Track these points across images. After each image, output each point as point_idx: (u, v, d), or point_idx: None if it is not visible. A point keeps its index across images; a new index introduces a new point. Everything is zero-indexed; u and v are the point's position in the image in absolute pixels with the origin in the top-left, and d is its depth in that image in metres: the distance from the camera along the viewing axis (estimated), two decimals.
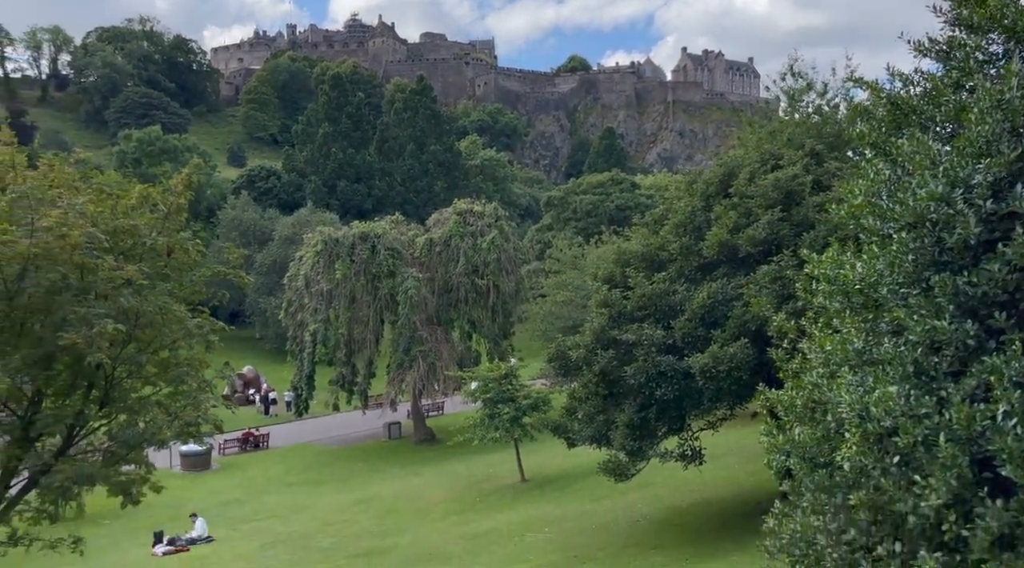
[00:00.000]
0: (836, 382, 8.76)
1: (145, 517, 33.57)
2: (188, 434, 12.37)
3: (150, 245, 11.91)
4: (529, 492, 28.60)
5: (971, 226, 7.62)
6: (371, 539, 24.68)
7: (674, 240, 17.92)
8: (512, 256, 45.87)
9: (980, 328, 7.75)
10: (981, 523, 6.91)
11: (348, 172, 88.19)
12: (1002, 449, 6.85)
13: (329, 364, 46.15)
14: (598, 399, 18.70)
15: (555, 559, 18.26)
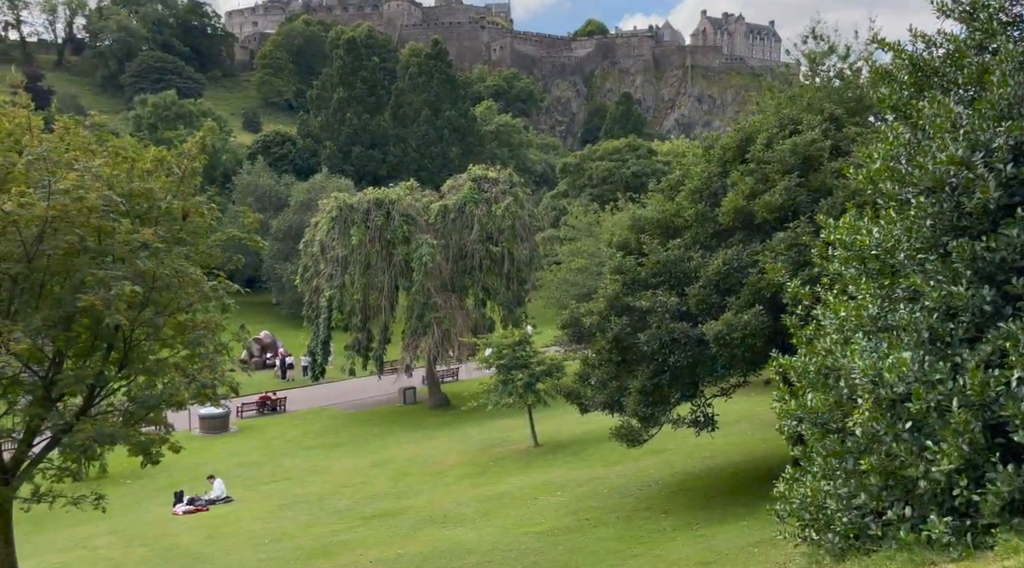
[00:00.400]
0: (850, 348, 8.74)
1: (165, 477, 34.27)
2: (204, 396, 12.54)
3: (165, 208, 11.98)
4: (542, 457, 28.85)
5: (990, 190, 7.52)
6: (386, 501, 25.04)
7: (689, 206, 17.80)
8: (527, 223, 45.76)
9: (997, 294, 7.69)
10: (992, 488, 6.92)
11: (363, 138, 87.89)
12: (1015, 415, 6.84)
13: (345, 330, 46.46)
14: (611, 366, 18.76)
15: (567, 522, 18.47)
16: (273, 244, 69.65)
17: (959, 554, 7.17)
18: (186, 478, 32.71)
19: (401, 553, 17.28)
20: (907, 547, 7.64)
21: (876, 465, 8.07)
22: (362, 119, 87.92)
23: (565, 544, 16.20)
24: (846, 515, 8.54)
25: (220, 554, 20.03)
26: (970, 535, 7.28)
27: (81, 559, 21.19)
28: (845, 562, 8.43)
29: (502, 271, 44.81)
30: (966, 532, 7.33)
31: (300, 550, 19.26)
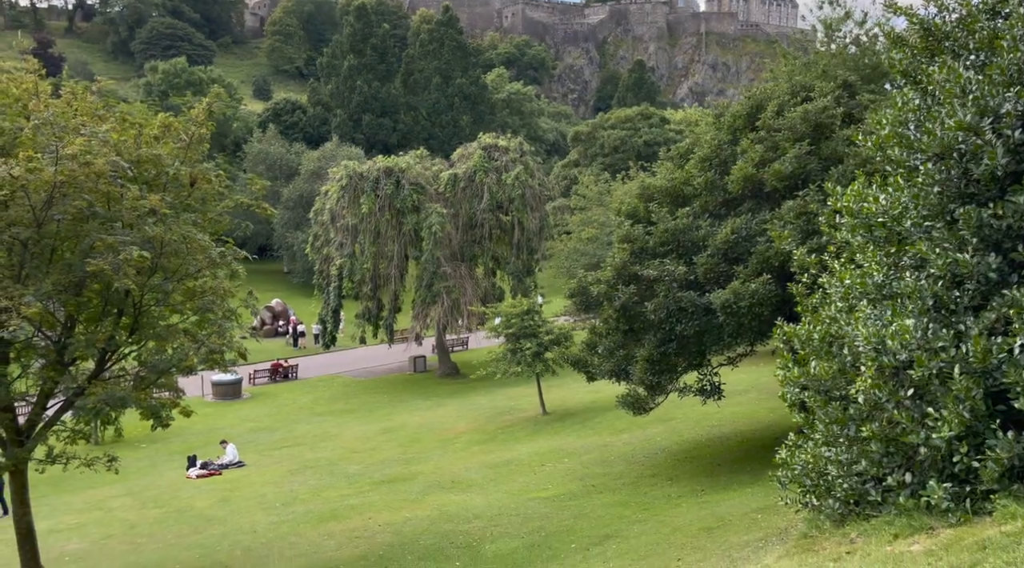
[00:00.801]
0: (854, 316, 8.74)
1: (179, 442, 34.83)
2: (213, 361, 12.68)
3: (173, 175, 12.02)
4: (550, 425, 29.08)
5: (998, 157, 7.45)
6: (395, 466, 25.34)
7: (699, 175, 17.69)
8: (537, 192, 45.59)
9: (1003, 261, 7.65)
10: (992, 454, 6.95)
11: (373, 106, 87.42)
12: (1017, 382, 6.84)
13: (355, 298, 46.70)
14: (618, 334, 18.81)
15: (573, 488, 18.66)
16: (284, 213, 69.76)
17: (957, 519, 7.22)
18: (199, 443, 33.23)
19: (409, 517, 17.53)
20: (906, 512, 7.71)
21: (877, 432, 8.11)
22: (372, 87, 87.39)
23: (571, 509, 16.38)
24: (847, 481, 8.61)
25: (232, 517, 20.37)
26: (969, 501, 7.33)
27: (97, 520, 21.60)
28: (845, 527, 8.52)
29: (512, 240, 44.78)
30: (965, 498, 7.38)
31: (311, 514, 19.56)
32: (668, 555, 11.28)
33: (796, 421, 9.36)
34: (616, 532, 13.91)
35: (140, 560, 16.66)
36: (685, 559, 10.64)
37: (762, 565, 8.25)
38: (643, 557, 11.58)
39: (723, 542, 11.10)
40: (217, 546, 17.12)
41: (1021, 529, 6.30)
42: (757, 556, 9.18)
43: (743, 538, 10.91)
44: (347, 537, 16.33)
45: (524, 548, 13.91)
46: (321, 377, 47.19)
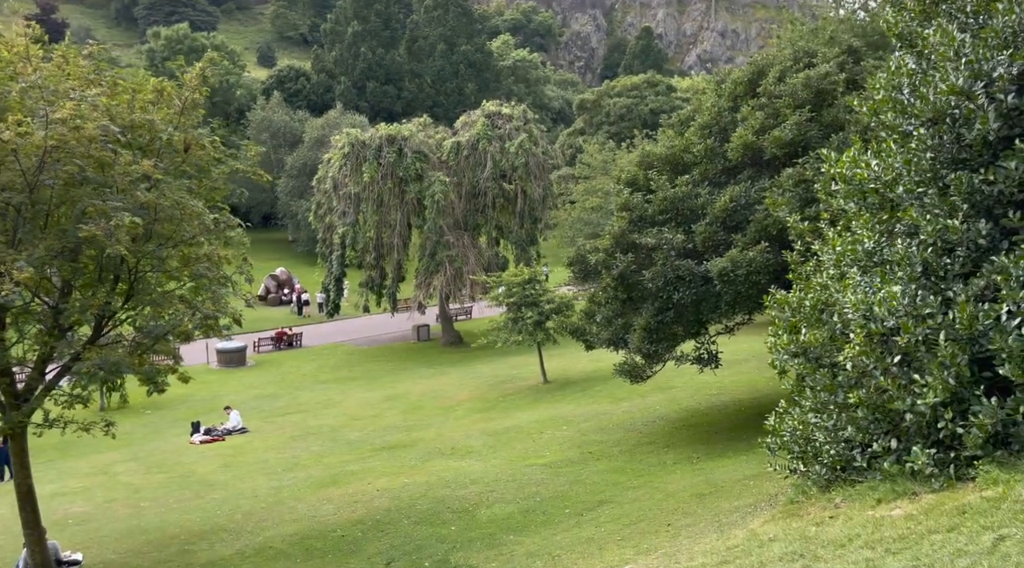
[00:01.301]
0: (844, 283, 8.71)
1: (184, 409, 35.16)
2: (208, 327, 12.72)
3: (166, 140, 11.95)
4: (551, 393, 29.22)
5: (990, 121, 7.36)
6: (397, 433, 25.55)
7: (698, 142, 17.54)
8: (541, 161, 45.32)
9: (994, 228, 7.59)
10: (975, 421, 6.96)
11: (377, 73, 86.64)
12: (1002, 349, 6.82)
13: (359, 267, 46.74)
14: (617, 303, 18.81)
15: (571, 455, 18.79)
16: (288, 181, 69.57)
17: (940, 485, 7.26)
18: (204, 409, 33.53)
19: (408, 482, 17.70)
20: (891, 478, 7.75)
21: (864, 398, 8.12)
22: (377, 54, 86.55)
23: (567, 475, 16.52)
24: (833, 447, 8.65)
25: (234, 481, 20.61)
26: (953, 467, 7.36)
27: (102, 484, 21.89)
28: (831, 492, 8.58)
29: (515, 209, 44.64)
30: (950, 464, 7.41)
31: (311, 479, 19.77)
32: (659, 520, 11.37)
33: (785, 388, 9.38)
34: (610, 498, 14.03)
35: (141, 524, 16.90)
36: (675, 524, 10.73)
37: (748, 529, 8.31)
38: (634, 522, 11.69)
39: (714, 508, 11.19)
40: (218, 510, 17.34)
41: (1001, 495, 6.33)
42: (744, 521, 9.25)
43: (733, 504, 11.00)
44: (345, 502, 16.51)
45: (519, 513, 14.05)
46: (325, 345, 47.42)
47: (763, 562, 6.69)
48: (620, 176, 19.49)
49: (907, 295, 7.57)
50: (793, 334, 9.06)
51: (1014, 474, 6.67)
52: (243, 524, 15.70)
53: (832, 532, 7.00)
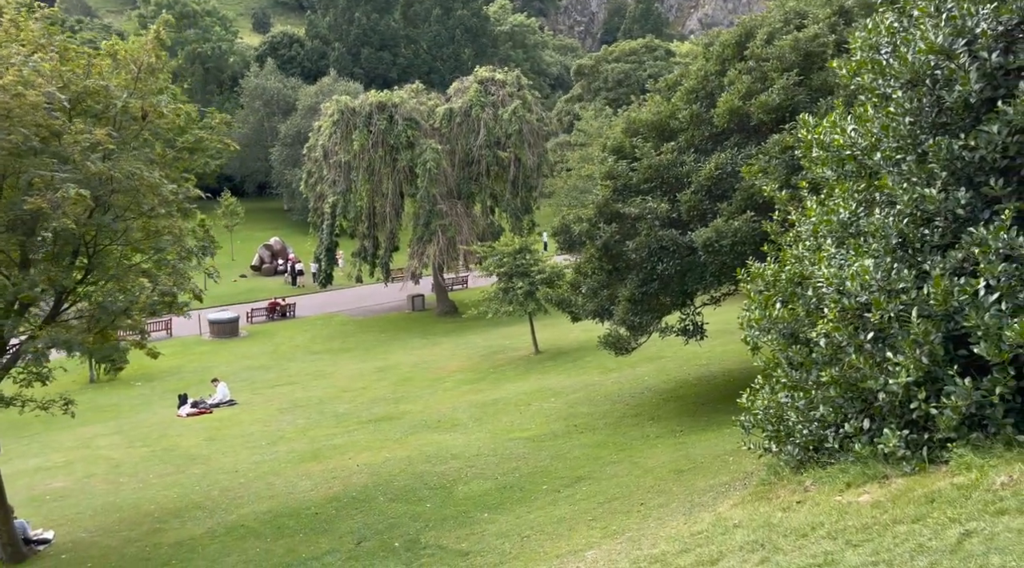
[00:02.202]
0: (818, 256, 8.29)
1: (174, 380, 35.00)
2: (165, 304, 12.32)
3: (122, 107, 11.45)
4: (541, 364, 28.94)
5: (971, 82, 6.87)
6: (384, 405, 25.31)
7: (684, 108, 16.98)
8: (535, 128, 44.58)
9: (975, 197, 7.14)
10: (948, 402, 6.58)
11: (372, 39, 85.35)
12: (978, 326, 6.41)
13: (352, 236, 46.30)
14: (603, 274, 18.40)
15: (556, 427, 18.52)
16: (282, 149, 68.81)
17: (912, 468, 6.90)
18: (195, 381, 33.37)
19: (389, 457, 17.46)
20: (862, 460, 7.40)
21: (837, 377, 7.74)
22: (371, 19, 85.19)
23: (549, 449, 16.24)
24: (806, 427, 8.29)
25: (217, 455, 20.40)
26: (927, 449, 7.00)
27: (84, 458, 21.71)
28: (803, 473, 8.23)
29: (509, 177, 44.01)
30: (923, 446, 7.05)
31: (293, 453, 19.54)
32: (633, 498, 11.09)
33: (757, 365, 9.00)
34: (589, 474, 13.75)
35: (118, 500, 16.69)
36: (648, 503, 10.43)
37: (716, 513, 7.99)
38: (609, 500, 11.40)
39: (689, 486, 10.89)
40: (196, 486, 17.13)
41: (974, 482, 5.97)
42: (715, 502, 8.94)
43: (709, 482, 10.69)
44: (324, 477, 16.27)
45: (496, 489, 13.79)
46: (319, 315, 47.15)
47: (723, 552, 6.37)
48: (606, 143, 18.95)
49: (880, 269, 7.15)
50: (766, 309, 8.65)
51: (989, 459, 6.30)
52: (219, 501, 15.47)
53: (797, 519, 6.66)
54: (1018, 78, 6.72)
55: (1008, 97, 6.65)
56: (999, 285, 6.53)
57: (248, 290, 55.07)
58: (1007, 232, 6.44)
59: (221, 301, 51.85)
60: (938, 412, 6.68)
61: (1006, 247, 6.44)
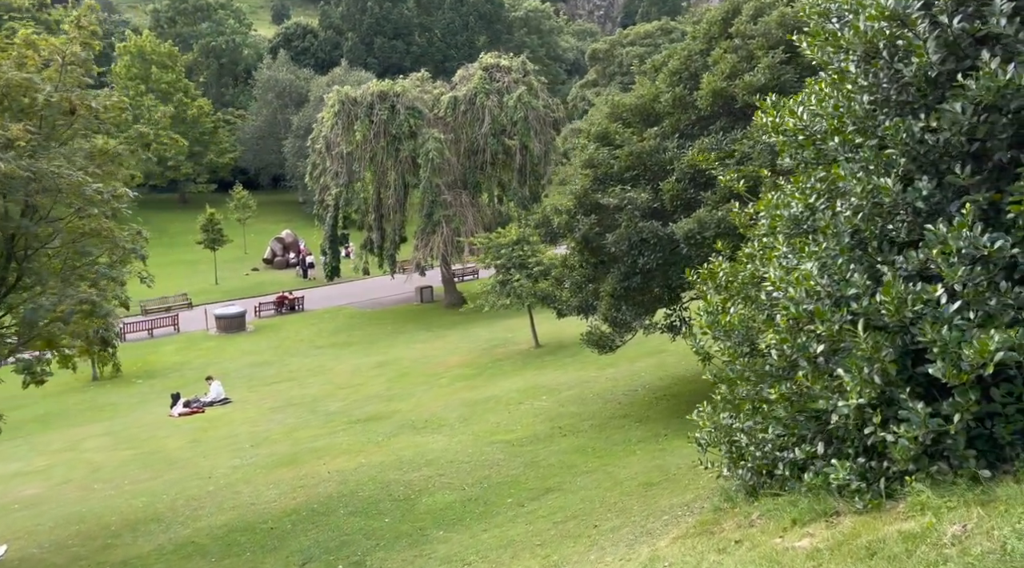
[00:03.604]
0: (770, 254, 7.34)
1: (176, 377, 34.66)
2: (84, 312, 11.62)
3: (44, 101, 10.72)
4: (540, 358, 28.08)
5: (928, 53, 5.85)
6: (376, 404, 24.64)
7: (667, 90, 15.93)
8: (541, 114, 43.48)
9: (937, 187, 6.14)
10: (902, 431, 5.61)
11: (385, 27, 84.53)
12: (934, 341, 5.42)
13: (359, 228, 45.71)
14: (588, 268, 17.49)
15: (540, 429, 17.68)
16: (295, 141, 68.34)
17: (865, 505, 5.94)
18: (197, 377, 32.94)
19: (363, 463, 16.73)
20: (814, 490, 6.45)
21: (788, 394, 6.79)
22: (384, 8, 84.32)
23: (526, 455, 15.40)
24: (759, 449, 7.35)
25: (197, 459, 19.86)
26: (884, 480, 6.04)
27: (66, 462, 21.30)
28: (756, 500, 7.31)
29: (516, 166, 43.02)
30: (880, 477, 6.09)
31: (272, 457, 18.93)
32: (591, 518, 10.22)
33: (706, 378, 8.06)
34: (558, 485, 12.89)
35: (83, 509, 16.16)
36: (603, 525, 9.56)
37: (653, 548, 7.12)
38: (567, 519, 10.54)
39: (652, 504, 10.00)
40: (164, 494, 16.54)
41: (923, 530, 5.01)
42: (665, 529, 8.06)
43: (672, 500, 9.79)
44: (292, 486, 15.59)
45: (460, 502, 12.99)
46: (327, 308, 46.68)
47: None
48: (589, 130, 17.94)
49: (828, 272, 6.17)
50: (715, 315, 7.70)
51: (948, 499, 5.34)
52: (180, 512, 14.85)
53: (727, 565, 5.75)
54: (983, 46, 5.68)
55: (971, 69, 5.62)
56: (963, 292, 5.53)
57: (259, 283, 54.81)
58: (970, 229, 5.43)
59: (232, 295, 51.67)
60: (894, 441, 5.71)
61: (970, 247, 5.44)
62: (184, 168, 68.54)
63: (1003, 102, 5.57)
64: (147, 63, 67.40)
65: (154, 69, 67.06)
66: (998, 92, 5.40)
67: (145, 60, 67.46)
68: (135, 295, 52.73)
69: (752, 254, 7.73)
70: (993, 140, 5.86)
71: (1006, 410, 5.42)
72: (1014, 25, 5.57)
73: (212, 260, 55.48)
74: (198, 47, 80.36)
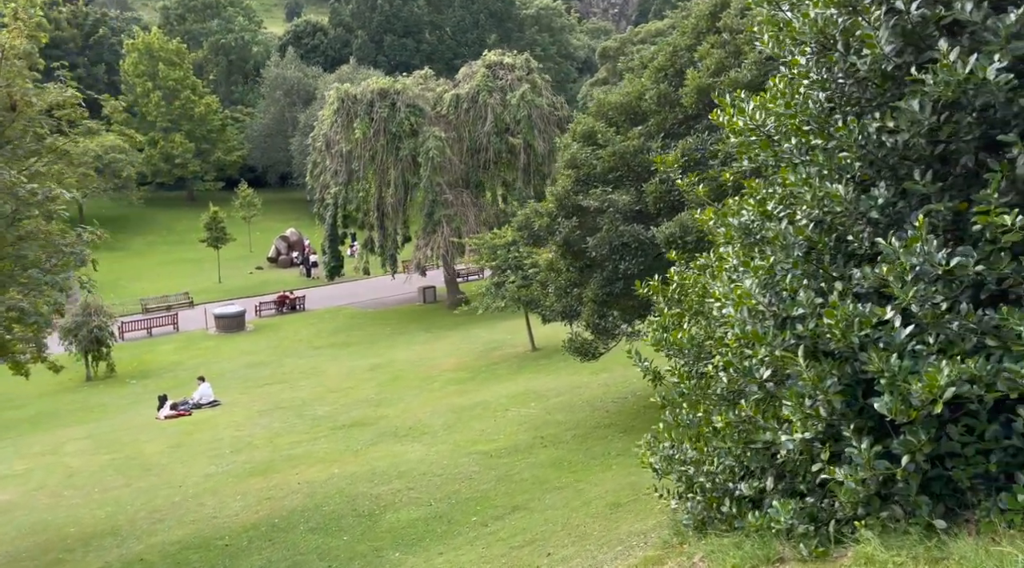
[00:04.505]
0: (718, 267, 6.70)
1: (171, 378, 34.31)
2: (11, 319, 11.12)
3: None
4: (535, 362, 27.47)
5: (880, 43, 5.18)
6: (364, 409, 24.12)
7: (651, 87, 15.26)
8: (545, 113, 42.81)
9: (896, 194, 5.47)
10: (847, 474, 4.95)
11: (395, 25, 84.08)
12: (881, 372, 4.76)
13: (361, 228, 45.27)
14: (574, 272, 16.84)
15: (521, 439, 17.07)
16: (302, 139, 67.85)
17: (809, 552, 5.28)
18: (190, 378, 32.52)
19: (336, 473, 16.19)
20: (760, 532, 5.80)
21: (734, 422, 6.14)
22: (394, 5, 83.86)
23: (501, 468, 14.79)
24: (708, 480, 6.70)
25: (172, 466, 19.40)
26: (833, 524, 5.38)
27: (45, 466, 20.91)
28: (705, 537, 6.65)
29: (519, 165, 42.37)
30: (829, 520, 5.43)
31: (248, 465, 18.44)
32: (548, 544, 9.61)
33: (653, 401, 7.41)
34: (526, 503, 12.27)
35: (49, 518, 15.73)
36: (556, 554, 8.95)
37: None
38: (524, 544, 9.93)
39: (611, 530, 9.38)
40: (130, 504, 16.08)
41: None
42: (613, 565, 7.41)
43: (632, 527, 9.17)
44: (258, 497, 15.07)
45: (423, 520, 12.40)
46: (328, 308, 46.25)
47: None
48: (575, 129, 17.29)
49: (773, 290, 5.52)
50: (666, 330, 7.07)
51: (895, 552, 4.67)
52: (139, 525, 14.36)
53: None
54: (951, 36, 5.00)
55: (932, 62, 4.94)
56: (923, 312, 4.85)
57: (262, 282, 54.48)
58: (925, 243, 4.75)
59: (234, 294, 51.37)
60: (837, 484, 5.05)
61: (924, 263, 4.76)
62: (191, 166, 68.54)
63: (967, 99, 4.89)
64: (154, 60, 67.38)
65: (161, 66, 67.02)
66: (959, 87, 4.71)
67: (153, 57, 67.44)
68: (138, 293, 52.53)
69: (705, 265, 7.10)
70: (958, 142, 5.19)
71: (965, 451, 4.74)
72: (982, 11, 4.88)
73: (216, 258, 55.23)
74: (207, 44, 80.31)
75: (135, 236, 64.56)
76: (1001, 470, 4.70)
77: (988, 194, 4.73)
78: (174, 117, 67.71)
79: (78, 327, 33.67)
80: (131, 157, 61.59)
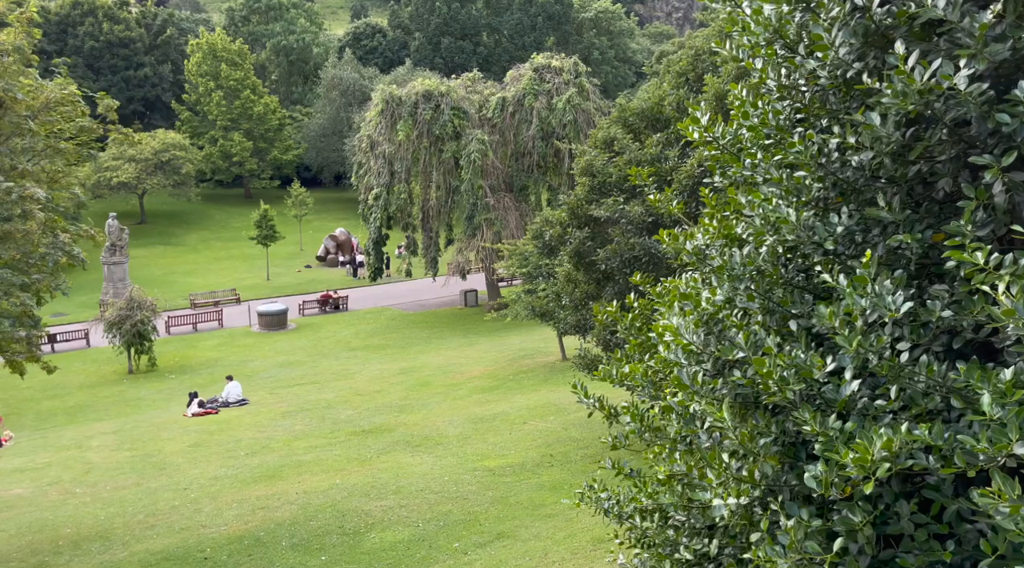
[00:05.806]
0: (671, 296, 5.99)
1: (207, 374, 34.66)
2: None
3: None
4: (563, 372, 26.71)
5: (833, 44, 4.42)
6: (386, 414, 23.79)
7: (671, 93, 14.46)
8: (593, 117, 42.00)
9: (858, 221, 4.70)
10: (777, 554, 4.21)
11: (453, 28, 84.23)
12: (815, 432, 4.00)
13: (403, 229, 45.21)
14: (590, 284, 16.14)
15: (531, 457, 16.43)
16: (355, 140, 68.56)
17: None
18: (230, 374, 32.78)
19: (337, 484, 15.81)
20: None
21: (677, 476, 5.43)
22: (452, 8, 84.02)
23: (501, 488, 14.18)
24: (659, 535, 5.99)
25: (186, 466, 19.34)
26: None
27: (65, 461, 21.12)
28: None
29: (564, 169, 41.66)
30: None
31: (257, 469, 18.23)
32: None
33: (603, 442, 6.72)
34: (511, 531, 11.64)
35: (51, 517, 15.74)
36: None
37: None
38: None
39: None
40: (132, 505, 15.98)
41: None
42: None
43: None
44: (254, 506, 14.76)
45: (406, 543, 11.87)
46: (371, 309, 46.31)
47: None
48: (595, 135, 16.58)
49: (709, 328, 4.80)
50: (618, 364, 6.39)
51: None
52: (132, 529, 14.21)
53: None
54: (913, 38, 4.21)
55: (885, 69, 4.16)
56: (879, 364, 4.08)
57: (310, 281, 54.96)
58: (875, 283, 3.98)
59: (281, 292, 51.93)
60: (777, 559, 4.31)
61: (874, 307, 3.99)
62: (249, 164, 69.79)
63: (936, 111, 4.11)
64: (217, 60, 68.82)
65: (223, 66, 68.42)
66: (920, 98, 3.93)
67: (216, 57, 68.91)
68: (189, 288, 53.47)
69: (662, 293, 6.39)
70: (932, 163, 4.40)
71: (916, 534, 3.95)
72: (958, 8, 4.08)
73: (266, 256, 55.96)
74: (270, 46, 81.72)
75: (191, 232, 65.98)
76: (962, 561, 3.91)
77: (958, 226, 3.95)
78: (234, 116, 69.18)
79: (121, 321, 34.23)
80: (191, 154, 63.10)
